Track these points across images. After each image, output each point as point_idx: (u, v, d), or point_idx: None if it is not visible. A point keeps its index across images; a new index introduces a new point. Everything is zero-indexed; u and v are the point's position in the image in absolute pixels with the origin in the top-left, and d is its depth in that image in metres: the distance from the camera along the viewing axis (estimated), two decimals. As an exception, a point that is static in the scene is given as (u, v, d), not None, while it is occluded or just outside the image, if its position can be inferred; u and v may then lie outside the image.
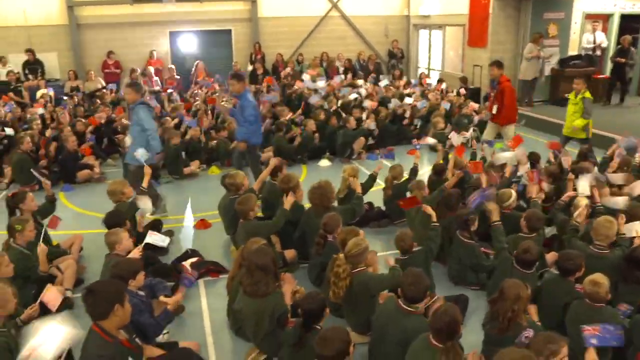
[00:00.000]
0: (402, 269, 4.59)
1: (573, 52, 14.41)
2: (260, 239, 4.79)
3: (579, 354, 3.84)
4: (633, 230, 5.15)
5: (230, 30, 16.63)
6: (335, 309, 4.75)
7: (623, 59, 13.10)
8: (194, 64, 15.39)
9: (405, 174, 7.22)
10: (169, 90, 13.14)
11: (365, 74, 16.03)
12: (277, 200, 6.16)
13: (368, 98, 12.20)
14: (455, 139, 7.83)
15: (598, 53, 14.17)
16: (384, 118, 11.05)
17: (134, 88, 7.28)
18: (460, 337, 3.59)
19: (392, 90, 13.03)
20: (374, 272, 4.70)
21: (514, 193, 6.11)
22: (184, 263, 5.82)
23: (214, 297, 5.45)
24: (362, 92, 12.69)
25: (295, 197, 5.88)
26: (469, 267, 5.50)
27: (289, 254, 5.85)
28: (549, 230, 6.06)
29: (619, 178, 6.53)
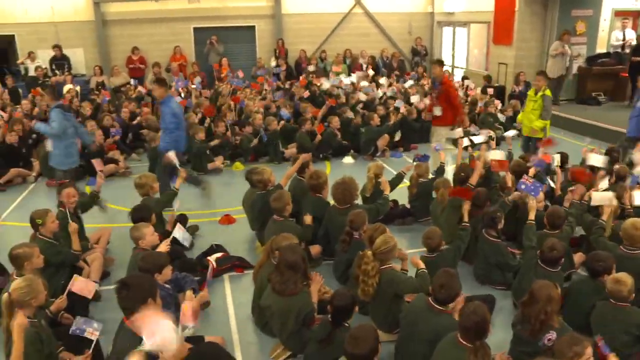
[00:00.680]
0: (428, 268, 4.57)
1: (601, 50, 14.15)
2: (290, 234, 4.80)
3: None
4: None
5: (254, 27, 16.67)
6: (360, 307, 4.74)
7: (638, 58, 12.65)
8: (218, 60, 15.46)
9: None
10: (193, 86, 13.20)
11: (389, 72, 15.95)
12: (303, 197, 6.17)
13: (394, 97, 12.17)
14: (481, 138, 7.73)
15: (627, 51, 13.83)
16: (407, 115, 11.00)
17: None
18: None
19: (415, 89, 12.95)
20: (404, 268, 4.68)
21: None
22: (209, 258, 5.85)
23: (239, 292, 5.47)
24: (382, 92, 12.63)
25: (322, 194, 5.88)
26: (496, 265, 5.44)
27: (314, 250, 5.85)
28: (578, 230, 5.98)
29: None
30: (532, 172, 6.51)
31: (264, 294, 4.50)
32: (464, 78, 14.88)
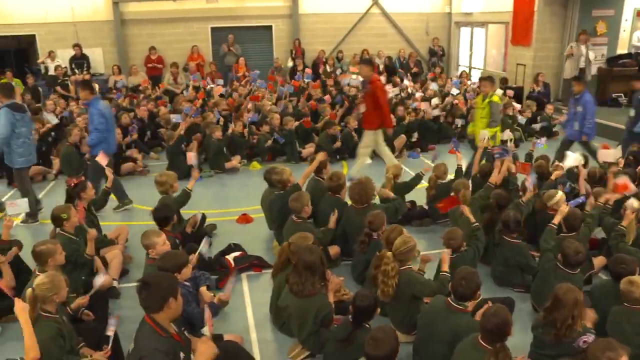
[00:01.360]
0: (449, 269, 4.55)
1: (622, 50, 13.95)
2: (309, 234, 4.79)
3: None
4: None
5: (271, 27, 16.70)
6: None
7: None
8: (235, 61, 15.52)
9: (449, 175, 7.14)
10: (210, 86, 13.26)
11: (406, 72, 15.89)
12: (321, 197, 6.17)
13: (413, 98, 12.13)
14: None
15: (649, 52, 13.68)
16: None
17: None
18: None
19: (433, 90, 12.88)
20: (421, 269, 4.66)
21: (560, 193, 5.97)
22: (227, 257, 5.87)
23: (257, 291, 5.49)
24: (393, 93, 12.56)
25: (340, 194, 5.88)
26: (516, 267, 5.40)
27: (333, 251, 5.84)
28: (599, 232, 5.91)
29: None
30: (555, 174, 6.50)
31: (282, 294, 4.51)
32: (482, 79, 14.74)
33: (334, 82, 14.06)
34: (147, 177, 9.25)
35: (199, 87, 13.14)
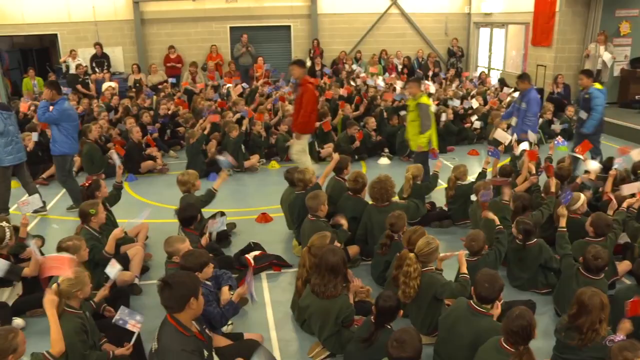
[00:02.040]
0: (469, 271, 4.51)
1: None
2: (327, 233, 4.79)
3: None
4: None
5: (290, 26, 16.73)
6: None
7: None
8: (251, 62, 15.56)
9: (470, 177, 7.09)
10: (228, 85, 13.31)
11: (424, 73, 15.81)
12: (340, 197, 6.16)
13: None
14: (526, 145, 7.54)
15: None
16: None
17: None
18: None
19: (452, 91, 12.81)
20: (438, 267, 4.65)
21: (583, 197, 5.89)
22: (247, 256, 5.88)
23: (277, 290, 5.50)
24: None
25: (361, 194, 5.88)
26: (540, 266, 5.33)
27: (352, 250, 5.83)
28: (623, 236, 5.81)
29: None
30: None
31: (304, 294, 4.51)
32: (500, 81, 14.66)
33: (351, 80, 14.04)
34: (166, 175, 9.32)
35: (219, 85, 13.20)
